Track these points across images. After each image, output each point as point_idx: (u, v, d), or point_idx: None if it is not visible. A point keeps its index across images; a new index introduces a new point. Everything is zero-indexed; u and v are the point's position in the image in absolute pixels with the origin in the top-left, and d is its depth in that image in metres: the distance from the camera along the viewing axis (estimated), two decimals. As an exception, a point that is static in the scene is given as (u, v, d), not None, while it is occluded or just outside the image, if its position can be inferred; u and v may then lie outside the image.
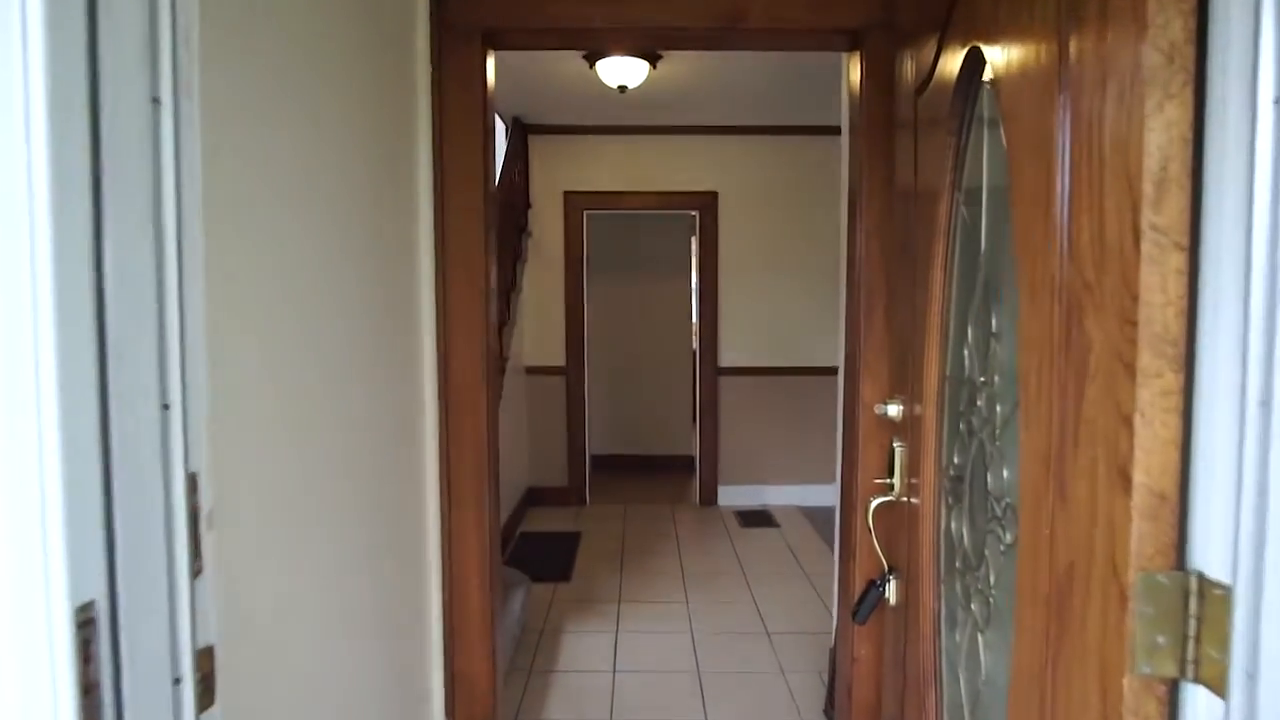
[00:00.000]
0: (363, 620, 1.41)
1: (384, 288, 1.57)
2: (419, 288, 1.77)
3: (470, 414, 1.80)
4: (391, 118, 1.63)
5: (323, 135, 1.27)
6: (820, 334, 5.03)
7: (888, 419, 1.60)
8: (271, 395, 1.05)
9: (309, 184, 1.20)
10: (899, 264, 1.63)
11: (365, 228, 1.47)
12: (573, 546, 4.21)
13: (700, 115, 4.66)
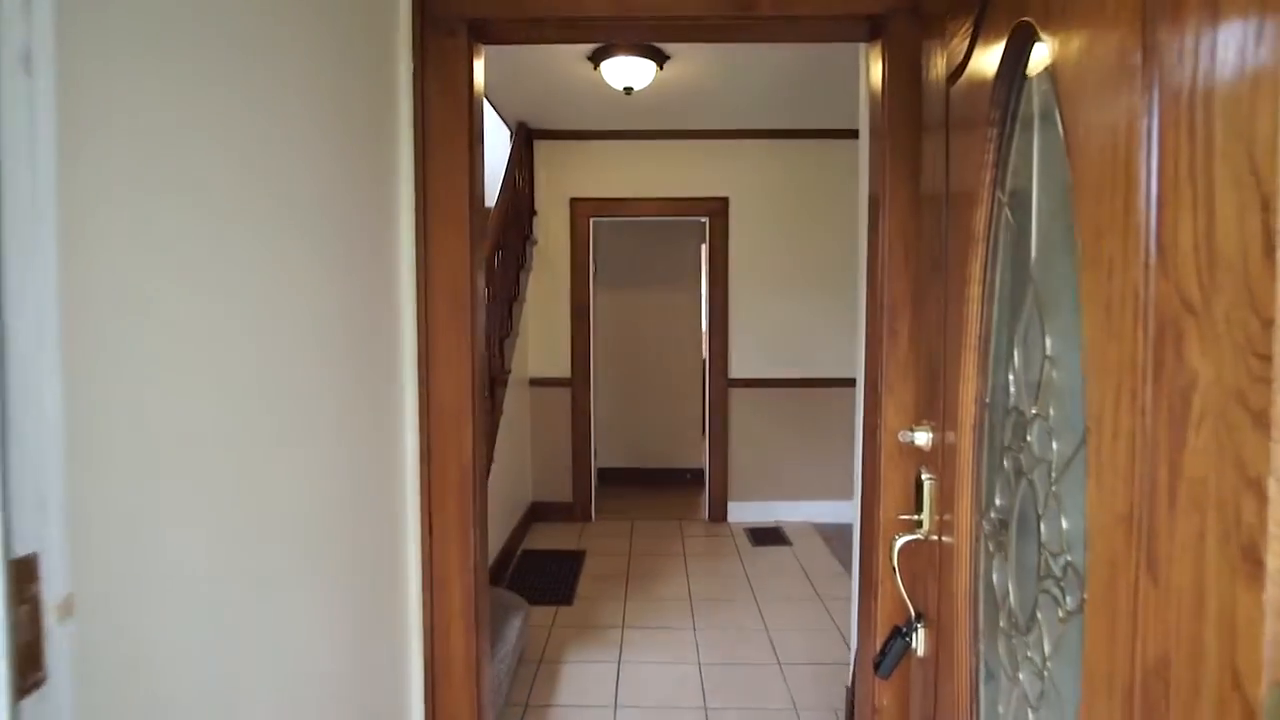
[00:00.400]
0: (331, 677, 1.26)
1: (357, 302, 1.42)
2: (398, 303, 1.62)
3: (454, 439, 1.65)
4: (368, 117, 1.48)
5: (286, 134, 1.12)
6: (835, 344, 4.86)
7: (914, 447, 1.43)
8: (215, 433, 0.90)
9: (261, 187, 1.05)
10: (928, 276, 1.46)
11: (334, 235, 1.32)
12: (576, 566, 4.05)
13: (709, 119, 4.52)
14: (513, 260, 4.18)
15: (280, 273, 1.11)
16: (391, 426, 1.59)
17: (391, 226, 1.59)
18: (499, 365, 3.75)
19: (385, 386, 1.56)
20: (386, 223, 1.57)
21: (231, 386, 0.98)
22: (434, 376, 1.64)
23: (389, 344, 1.58)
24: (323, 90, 1.27)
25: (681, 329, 6.08)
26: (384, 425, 1.55)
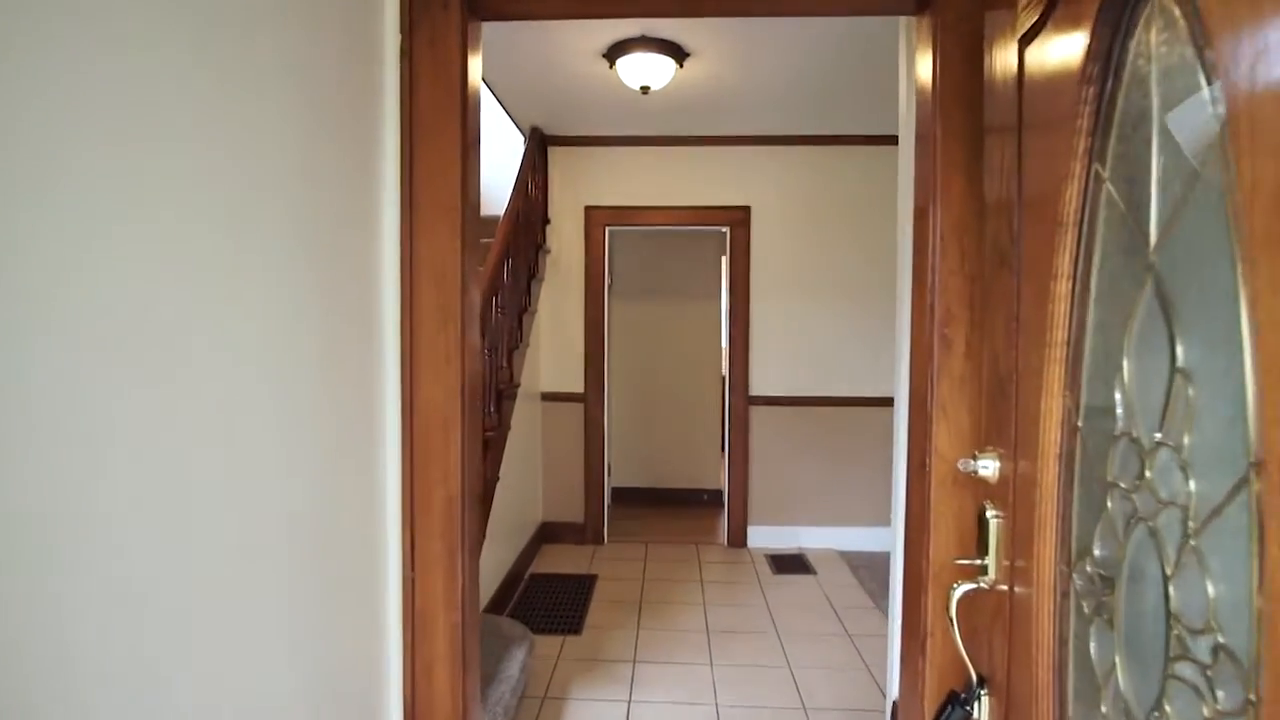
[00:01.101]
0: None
1: (327, 302, 1.23)
2: (379, 304, 1.43)
3: (440, 457, 1.45)
4: (347, 96, 1.31)
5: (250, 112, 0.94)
6: (863, 361, 4.62)
7: (976, 478, 1.21)
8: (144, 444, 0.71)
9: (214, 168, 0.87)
10: (993, 273, 1.25)
11: (301, 226, 1.14)
12: (586, 592, 3.82)
13: (731, 124, 4.33)
14: (523, 269, 4.00)
15: (235, 267, 0.93)
16: (369, 444, 1.39)
17: (372, 218, 1.41)
18: (507, 378, 3.56)
19: (362, 399, 1.37)
20: (367, 214, 1.39)
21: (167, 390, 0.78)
22: (418, 388, 1.45)
23: (367, 351, 1.39)
24: (292, 61, 1.09)
25: (700, 343, 5.86)
26: (360, 443, 1.36)
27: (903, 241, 2.07)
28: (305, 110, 1.15)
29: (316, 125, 1.18)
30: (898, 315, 2.09)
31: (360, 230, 1.36)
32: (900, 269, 2.07)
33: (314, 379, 1.18)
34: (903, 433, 2.02)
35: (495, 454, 3.33)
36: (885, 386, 4.61)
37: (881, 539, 4.61)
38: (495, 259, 3.30)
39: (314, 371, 1.18)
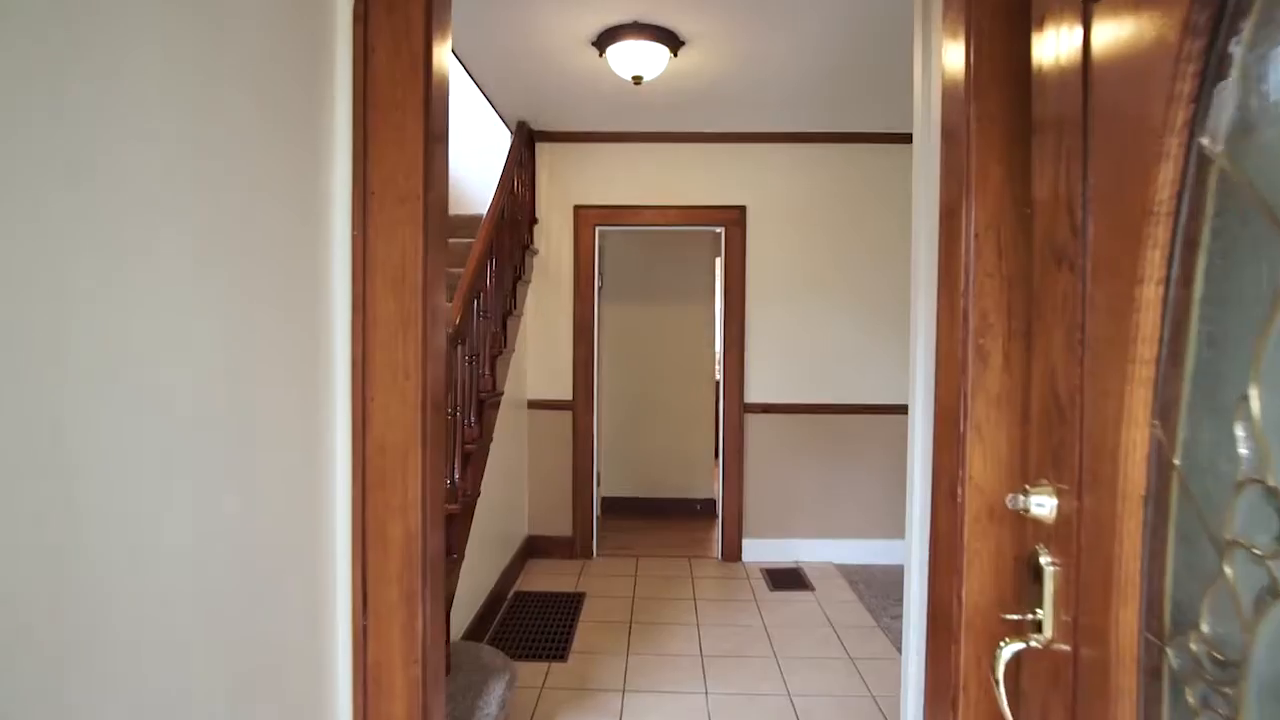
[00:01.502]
0: None
1: (268, 316, 1.04)
2: (328, 309, 1.23)
3: (398, 488, 1.25)
4: (293, 68, 1.11)
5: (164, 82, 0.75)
6: (862, 367, 4.44)
7: (1027, 516, 1.03)
8: None
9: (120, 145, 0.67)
10: (1046, 279, 1.06)
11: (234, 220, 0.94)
12: (574, 611, 3.62)
13: (727, 119, 4.15)
14: (509, 271, 3.80)
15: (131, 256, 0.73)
16: (314, 473, 1.19)
17: (319, 208, 1.21)
18: (489, 386, 3.35)
19: (304, 419, 1.17)
20: (312, 202, 1.19)
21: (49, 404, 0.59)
22: (373, 406, 1.25)
23: (312, 363, 1.19)
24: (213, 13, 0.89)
25: (693, 348, 5.67)
26: (302, 471, 1.16)
27: (918, 243, 1.89)
28: (227, 71, 0.95)
29: (241, 89, 0.99)
30: (913, 323, 1.91)
31: (303, 222, 1.16)
32: (915, 272, 1.89)
33: (241, 391, 0.98)
34: (920, 452, 1.84)
35: (476, 468, 3.13)
36: (885, 393, 4.45)
37: (880, 552, 4.44)
38: (477, 260, 3.10)
39: (233, 390, 0.98)
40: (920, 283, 1.86)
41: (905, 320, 4.42)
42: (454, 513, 2.75)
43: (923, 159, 1.86)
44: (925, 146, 1.86)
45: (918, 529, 1.80)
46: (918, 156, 1.89)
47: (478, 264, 3.08)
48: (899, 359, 4.41)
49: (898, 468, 4.55)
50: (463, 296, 2.90)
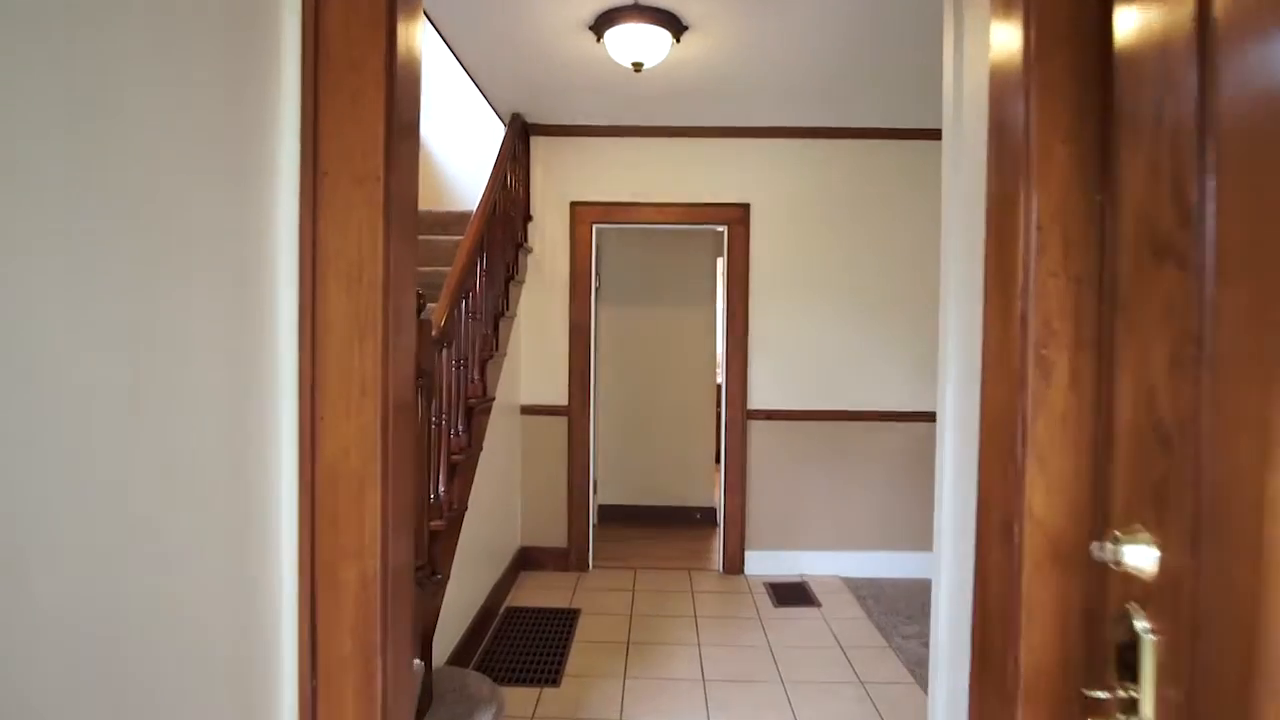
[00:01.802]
0: None
1: (191, 319, 0.85)
2: (274, 322, 1.04)
3: (352, 524, 1.06)
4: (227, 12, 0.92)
5: None
6: (871, 373, 4.26)
7: (1117, 569, 0.84)
8: None
9: None
10: (1140, 276, 0.87)
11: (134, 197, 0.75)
12: (568, 630, 3.43)
13: (732, 113, 3.96)
14: (501, 270, 3.61)
15: None
16: (253, 509, 1.00)
17: (260, 189, 1.01)
18: (479, 391, 3.16)
19: (240, 444, 0.97)
20: (251, 184, 1.00)
21: None
22: (323, 428, 1.05)
23: (250, 377, 0.99)
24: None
25: (693, 351, 5.47)
26: (238, 508, 0.97)
27: (950, 240, 1.71)
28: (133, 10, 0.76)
29: (149, 33, 0.79)
30: (943, 329, 1.72)
31: (239, 203, 0.97)
32: (947, 272, 1.71)
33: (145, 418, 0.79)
34: (951, 474, 1.66)
35: (464, 479, 2.94)
36: (894, 400, 4.25)
37: (887, 564, 4.25)
38: (465, 257, 2.90)
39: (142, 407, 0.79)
40: (952, 284, 1.67)
41: (918, 325, 4.25)
42: (438, 529, 2.55)
43: (956, 146, 1.67)
44: (957, 131, 1.67)
45: (951, 561, 1.61)
46: (949, 143, 1.71)
47: (466, 261, 2.89)
48: (910, 365, 4.23)
49: (906, 477, 4.38)
50: (450, 296, 2.70)
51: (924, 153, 4.19)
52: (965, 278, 1.59)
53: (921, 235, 4.21)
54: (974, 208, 1.53)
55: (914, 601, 3.84)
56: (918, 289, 4.21)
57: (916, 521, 4.28)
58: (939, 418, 1.74)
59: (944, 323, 1.73)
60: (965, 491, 1.56)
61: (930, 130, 4.13)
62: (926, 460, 4.34)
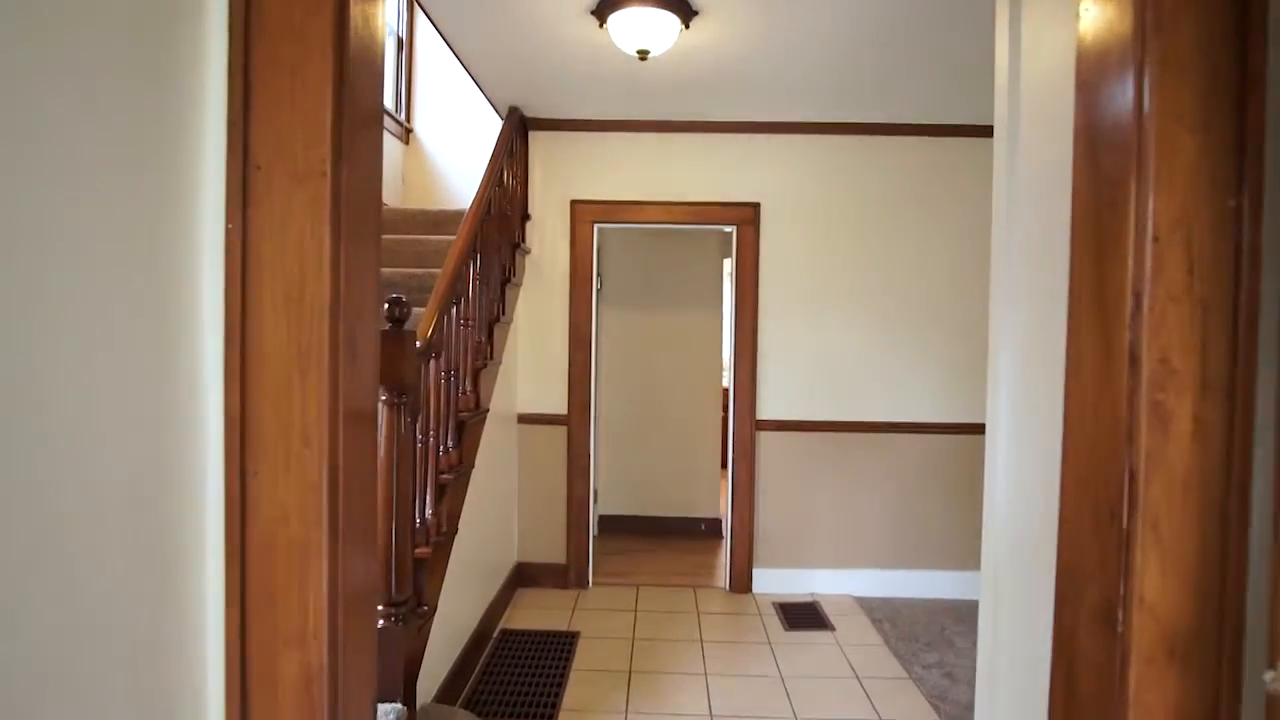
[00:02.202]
0: None
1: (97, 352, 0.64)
2: (195, 345, 0.83)
3: (291, 613, 0.85)
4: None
5: None
6: (888, 382, 4.04)
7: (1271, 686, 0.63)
8: None
9: None
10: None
11: None
12: (565, 655, 3.22)
13: (743, 107, 3.74)
14: (495, 272, 3.39)
15: None
16: (171, 586, 0.79)
17: (180, 189, 0.80)
18: (471, 403, 2.95)
19: (153, 507, 0.76)
20: (167, 181, 0.78)
21: None
22: (256, 485, 0.84)
23: (162, 423, 0.78)
24: None
25: (699, 357, 5.26)
26: (148, 586, 0.76)
27: (999, 251, 1.50)
28: None
29: None
30: (993, 355, 1.52)
31: (152, 205, 0.76)
32: (998, 285, 1.50)
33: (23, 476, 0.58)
34: (1006, 512, 1.45)
35: (455, 498, 2.73)
36: (912, 411, 4.03)
37: (904, 584, 4.04)
38: (456, 260, 2.69)
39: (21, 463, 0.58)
40: (1005, 298, 1.46)
41: (942, 332, 4.02)
42: (424, 556, 2.34)
43: (1010, 141, 1.46)
44: (1013, 124, 1.46)
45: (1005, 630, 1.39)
46: (1002, 138, 1.49)
47: (457, 264, 2.67)
48: (930, 374, 4.02)
49: (924, 492, 4.15)
50: (438, 302, 2.49)
51: (954, 150, 3.97)
52: (1025, 291, 1.38)
53: (951, 238, 3.99)
54: (1036, 211, 1.32)
55: (933, 626, 3.64)
56: (944, 295, 3.99)
57: (934, 539, 4.07)
58: (989, 448, 1.54)
59: (995, 340, 1.52)
60: (1022, 537, 1.35)
61: (962, 126, 3.90)
62: (945, 474, 4.13)
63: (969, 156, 3.95)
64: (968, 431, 4.03)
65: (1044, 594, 1.21)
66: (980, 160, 3.96)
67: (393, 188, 5.30)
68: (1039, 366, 1.32)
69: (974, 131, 3.92)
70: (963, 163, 3.98)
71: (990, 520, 1.51)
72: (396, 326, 2.05)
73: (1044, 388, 1.30)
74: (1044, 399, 1.30)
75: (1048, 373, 1.28)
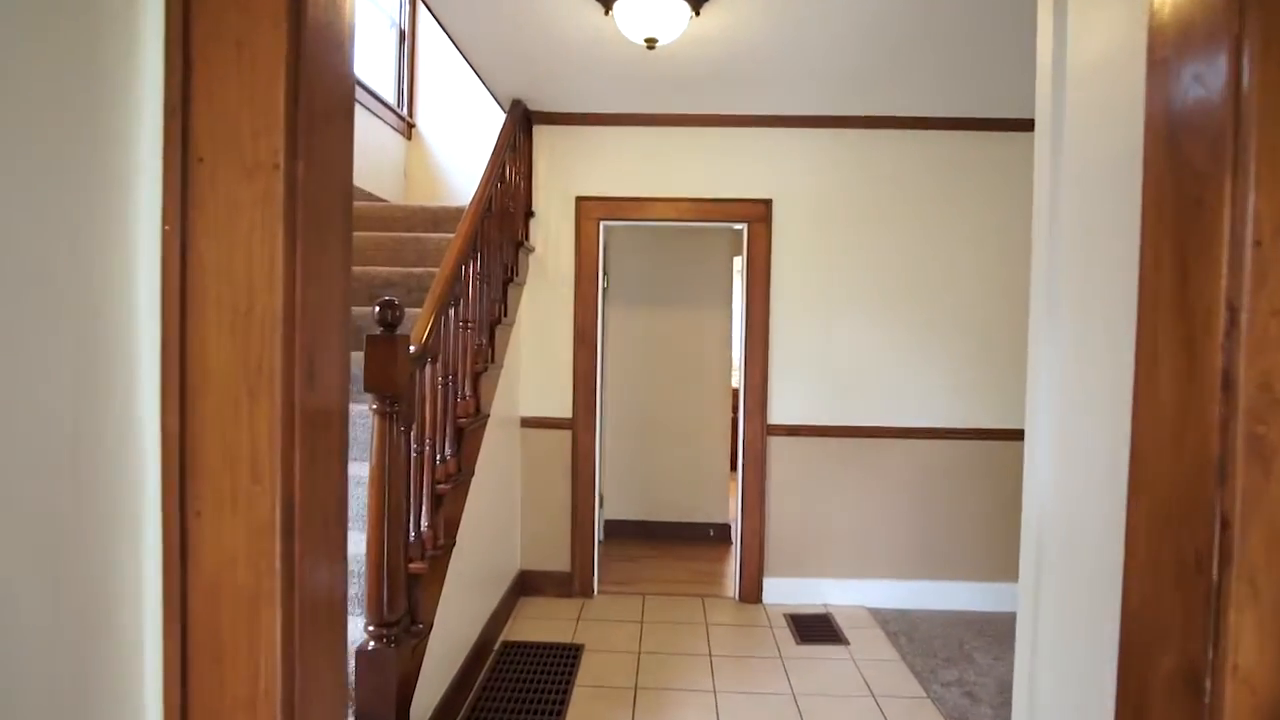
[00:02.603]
0: None
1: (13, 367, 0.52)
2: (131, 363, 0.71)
3: (240, 673, 0.73)
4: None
5: None
6: (904, 385, 3.91)
7: None
8: None
9: None
10: None
11: None
12: (569, 671, 3.10)
13: (755, 99, 3.61)
14: (497, 272, 3.28)
15: None
16: (102, 644, 0.67)
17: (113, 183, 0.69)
18: (471, 409, 2.84)
19: (83, 548, 0.65)
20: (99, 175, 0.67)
21: None
22: (198, 527, 0.73)
23: (89, 457, 0.67)
24: None
25: (708, 358, 5.13)
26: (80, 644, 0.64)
27: (1040, 250, 1.36)
28: None
29: None
30: (1033, 354, 1.38)
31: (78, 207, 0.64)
32: (1038, 287, 1.36)
33: None
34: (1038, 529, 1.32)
35: (454, 508, 2.61)
36: (928, 416, 3.89)
37: (919, 595, 3.91)
38: (455, 259, 2.57)
39: None
40: (1048, 301, 1.33)
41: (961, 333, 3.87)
42: (419, 572, 2.23)
43: (1055, 129, 1.33)
44: (1057, 111, 1.33)
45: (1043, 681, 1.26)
46: (1046, 128, 1.36)
47: (455, 263, 2.56)
48: (948, 377, 3.88)
49: (942, 499, 4.00)
50: (434, 304, 2.37)
51: (979, 145, 3.83)
52: (1071, 296, 1.25)
53: (973, 237, 3.85)
54: (1085, 210, 1.19)
55: (950, 640, 3.50)
56: (964, 295, 3.85)
57: (951, 549, 3.93)
58: (1028, 461, 1.41)
59: (1036, 346, 1.39)
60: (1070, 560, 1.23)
61: (989, 120, 3.75)
62: (964, 481, 3.98)
63: (996, 151, 3.81)
64: (989, 437, 3.89)
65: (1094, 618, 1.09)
66: (1008, 155, 3.81)
67: (395, 184, 5.19)
68: (1087, 376, 1.19)
69: (1002, 125, 3.78)
70: (987, 158, 3.83)
71: (1029, 532, 1.39)
72: (388, 331, 1.94)
73: (1093, 399, 1.17)
74: (1093, 411, 1.18)
75: (1098, 383, 1.16)
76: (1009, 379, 3.85)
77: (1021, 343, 3.79)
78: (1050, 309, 1.33)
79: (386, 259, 3.81)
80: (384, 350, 1.91)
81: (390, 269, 3.56)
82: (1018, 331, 3.83)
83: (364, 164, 4.70)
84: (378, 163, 4.95)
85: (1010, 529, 3.88)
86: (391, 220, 4.17)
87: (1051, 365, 1.33)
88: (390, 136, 5.17)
